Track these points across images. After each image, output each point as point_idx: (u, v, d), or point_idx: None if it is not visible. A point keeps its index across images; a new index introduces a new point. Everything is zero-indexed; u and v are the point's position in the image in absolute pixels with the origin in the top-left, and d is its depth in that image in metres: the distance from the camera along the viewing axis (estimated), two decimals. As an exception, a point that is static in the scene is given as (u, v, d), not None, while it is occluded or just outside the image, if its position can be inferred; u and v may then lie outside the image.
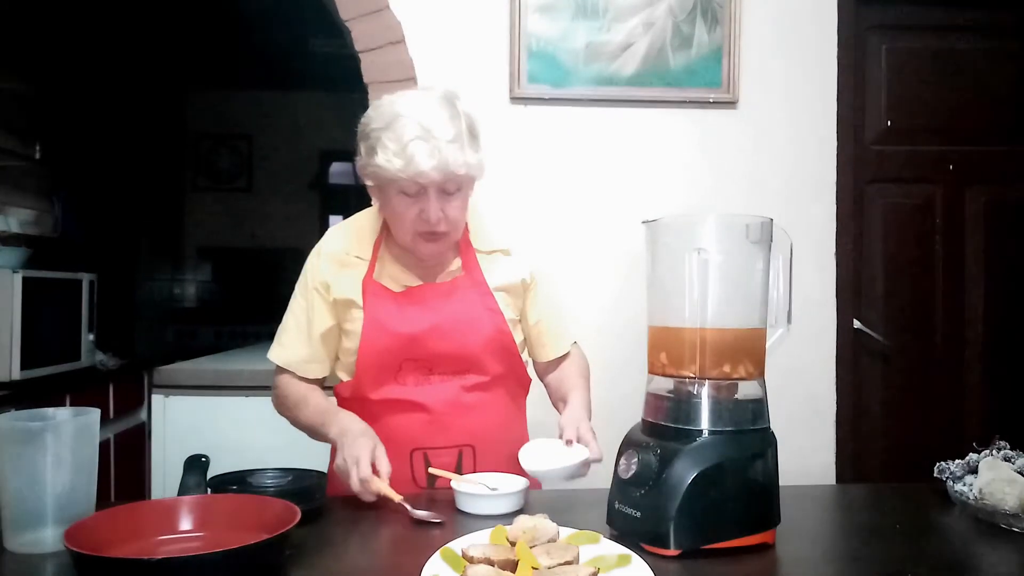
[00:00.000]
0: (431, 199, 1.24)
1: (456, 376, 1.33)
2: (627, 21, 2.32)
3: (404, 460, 1.30)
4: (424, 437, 1.31)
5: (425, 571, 0.86)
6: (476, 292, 1.36)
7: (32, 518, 0.96)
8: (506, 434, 1.39)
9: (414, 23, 2.28)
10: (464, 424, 1.32)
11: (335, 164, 5.89)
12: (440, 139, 1.20)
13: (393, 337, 1.31)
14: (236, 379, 2.38)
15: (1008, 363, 2.54)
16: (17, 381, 2.64)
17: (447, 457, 1.31)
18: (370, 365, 1.32)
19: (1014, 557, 1.01)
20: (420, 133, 1.20)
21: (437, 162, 1.20)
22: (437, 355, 1.32)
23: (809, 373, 2.38)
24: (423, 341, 1.31)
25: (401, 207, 1.26)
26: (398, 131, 1.21)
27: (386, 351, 1.31)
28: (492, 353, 1.35)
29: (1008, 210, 2.55)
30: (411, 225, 1.27)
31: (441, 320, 1.32)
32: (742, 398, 1.05)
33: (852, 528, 1.21)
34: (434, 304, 1.34)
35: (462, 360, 1.33)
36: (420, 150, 1.19)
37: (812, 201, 2.40)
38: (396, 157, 1.20)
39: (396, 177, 1.22)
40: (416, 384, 1.32)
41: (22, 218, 3.34)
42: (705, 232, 1.06)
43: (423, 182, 1.22)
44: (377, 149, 1.22)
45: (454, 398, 1.32)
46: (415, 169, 1.20)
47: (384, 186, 1.27)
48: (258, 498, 1.04)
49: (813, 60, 2.40)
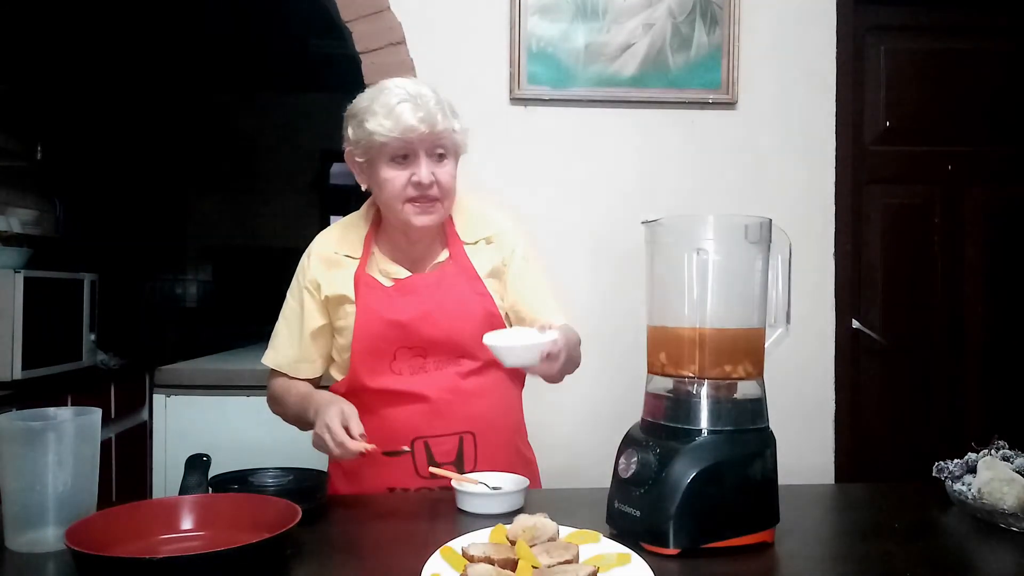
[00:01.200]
0: (421, 161, 1.30)
1: (451, 363, 1.34)
2: (627, 22, 2.33)
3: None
4: (424, 426, 1.32)
5: (425, 570, 0.86)
6: (464, 277, 1.39)
7: (33, 517, 0.96)
8: (504, 420, 1.40)
9: (414, 24, 2.28)
10: (463, 411, 1.33)
11: (335, 164, 5.90)
12: (426, 100, 1.29)
13: (386, 325, 1.32)
14: (237, 379, 2.38)
15: (1007, 363, 2.54)
16: (18, 381, 2.64)
17: (448, 444, 1.32)
18: (365, 354, 1.33)
19: (1013, 556, 1.01)
20: (406, 97, 1.28)
21: (424, 114, 1.27)
22: (430, 341, 1.33)
23: (808, 373, 2.38)
24: (416, 327, 1.33)
25: (392, 174, 1.31)
26: (385, 97, 1.29)
27: (380, 338, 1.33)
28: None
29: (1007, 210, 2.56)
30: (402, 192, 1.31)
31: (432, 306, 1.34)
32: (741, 398, 1.05)
33: (851, 527, 1.21)
34: (424, 292, 1.36)
35: (455, 345, 1.34)
36: (407, 109, 1.27)
37: (811, 201, 2.40)
38: (385, 119, 1.27)
39: (387, 138, 1.27)
40: (412, 373, 1.33)
41: (23, 218, 3.34)
42: (704, 232, 1.07)
43: (412, 137, 1.27)
44: (367, 118, 1.29)
45: (451, 385, 1.33)
46: (404, 124, 1.26)
47: (374, 159, 1.32)
48: (259, 497, 1.04)
49: (812, 61, 2.40)
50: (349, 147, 1.36)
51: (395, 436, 1.29)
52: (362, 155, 1.34)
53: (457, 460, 1.32)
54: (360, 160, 1.35)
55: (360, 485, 1.35)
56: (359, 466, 1.32)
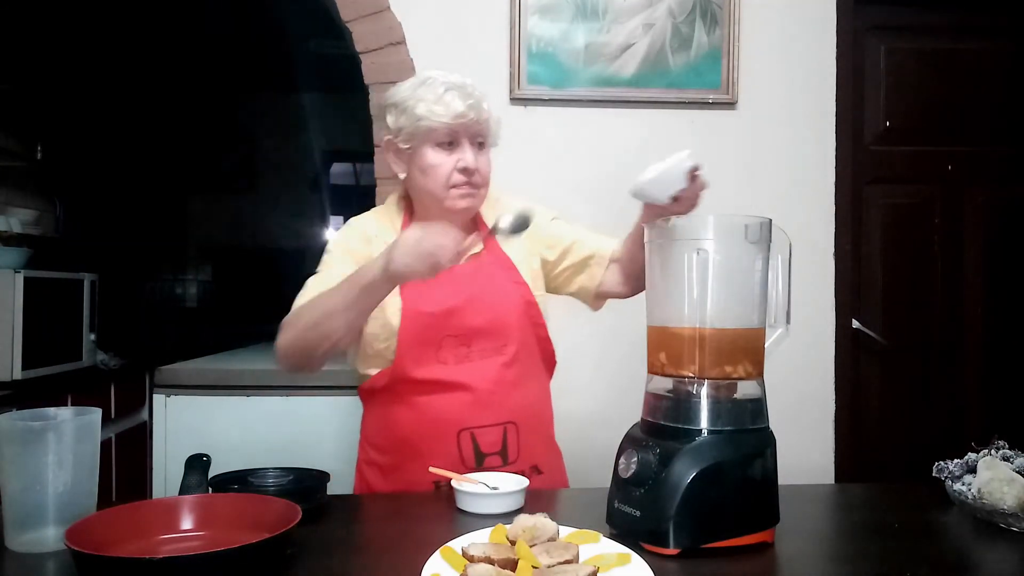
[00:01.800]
0: (465, 147, 1.34)
1: (494, 352, 1.34)
2: (627, 22, 2.33)
3: (452, 440, 1.31)
4: (470, 417, 1.31)
5: (425, 570, 0.86)
6: (500, 267, 1.40)
7: (33, 517, 0.96)
8: (542, 410, 1.42)
9: (414, 24, 2.28)
10: (506, 401, 1.33)
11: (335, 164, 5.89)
12: (471, 89, 1.35)
13: (432, 313, 1.33)
14: (237, 379, 2.38)
15: (1007, 363, 2.55)
16: (18, 381, 2.64)
17: (493, 435, 1.32)
18: (412, 343, 1.32)
19: (1013, 556, 1.01)
20: (452, 85, 1.34)
21: (473, 102, 1.33)
22: (475, 329, 1.34)
23: (808, 372, 2.39)
24: (461, 314, 1.33)
25: (437, 160, 1.33)
26: (432, 85, 1.34)
27: (426, 327, 1.32)
28: (523, 327, 1.38)
29: (1007, 210, 2.56)
30: (446, 178, 1.34)
31: (475, 293, 1.35)
32: (741, 397, 1.05)
33: (851, 527, 1.21)
34: (465, 281, 1.36)
35: (498, 334, 1.35)
36: (455, 97, 1.32)
37: (811, 201, 2.41)
38: (435, 105, 1.31)
39: (437, 123, 1.31)
40: (457, 362, 1.33)
41: (23, 218, 3.34)
42: (704, 232, 1.07)
43: (462, 122, 1.32)
44: (415, 104, 1.33)
45: (495, 375, 1.33)
46: (454, 111, 1.31)
47: (417, 146, 1.34)
48: (259, 497, 1.04)
49: (812, 61, 2.40)
50: (390, 136, 1.38)
51: (440, 428, 1.30)
52: (406, 142, 1.35)
53: (502, 450, 1.32)
54: (404, 147, 1.36)
55: (402, 481, 1.33)
56: (400, 461, 1.31)
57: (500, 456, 1.32)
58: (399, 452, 1.33)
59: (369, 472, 1.38)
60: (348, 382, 2.37)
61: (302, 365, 1.30)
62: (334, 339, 1.25)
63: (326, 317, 1.24)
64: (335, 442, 2.32)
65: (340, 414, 2.35)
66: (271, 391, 2.35)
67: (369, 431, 1.43)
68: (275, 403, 2.34)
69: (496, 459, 1.31)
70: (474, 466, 1.31)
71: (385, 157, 1.42)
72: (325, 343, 1.25)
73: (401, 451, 1.33)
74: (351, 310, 1.23)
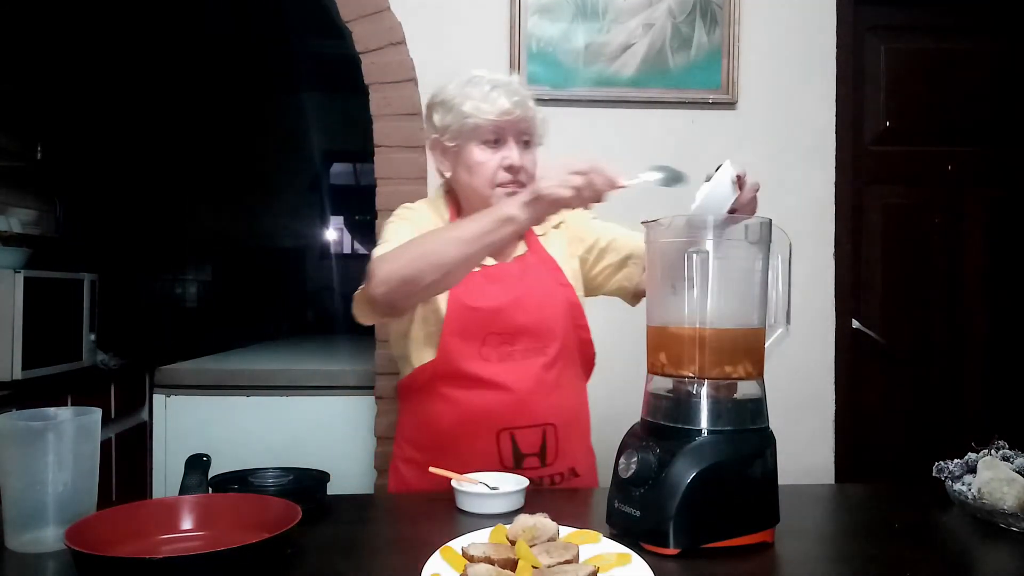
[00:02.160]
0: (511, 145, 1.35)
1: (536, 353, 1.34)
2: (627, 22, 2.33)
3: (491, 440, 1.31)
4: (510, 417, 1.32)
5: (425, 570, 0.86)
6: (545, 268, 1.41)
7: (33, 517, 0.96)
8: (579, 412, 1.42)
9: (414, 24, 2.28)
10: (546, 402, 1.33)
11: (335, 164, 5.90)
12: (517, 87, 1.36)
13: (477, 310, 1.33)
14: (237, 379, 2.38)
15: (1007, 363, 2.55)
16: (18, 381, 2.64)
17: (533, 436, 1.32)
18: (455, 337, 1.33)
19: (1013, 557, 1.01)
20: (499, 83, 1.35)
21: (519, 99, 1.34)
22: (519, 327, 1.34)
23: (808, 372, 2.39)
24: (506, 313, 1.33)
25: (483, 158, 1.35)
26: (479, 83, 1.35)
27: (471, 322, 1.33)
28: (566, 329, 1.38)
29: (1008, 210, 2.56)
30: (492, 177, 1.35)
31: (521, 293, 1.35)
32: (741, 398, 1.05)
33: (851, 527, 1.21)
34: (511, 280, 1.37)
35: (542, 334, 1.35)
36: (501, 95, 1.33)
37: (811, 201, 2.41)
38: (482, 102, 1.33)
39: (483, 120, 1.32)
40: (500, 360, 1.33)
41: (23, 218, 3.34)
42: (704, 232, 1.07)
43: (508, 120, 1.33)
44: (462, 102, 1.34)
45: (536, 376, 1.33)
46: (501, 108, 1.32)
47: (463, 144, 1.35)
48: (259, 497, 1.04)
49: (812, 61, 2.40)
50: (435, 134, 1.39)
51: (480, 426, 1.30)
52: (452, 140, 1.36)
53: (541, 452, 1.33)
54: (450, 145, 1.37)
55: (438, 480, 1.33)
56: (438, 459, 1.31)
57: (538, 457, 1.32)
58: (437, 449, 1.33)
59: (406, 469, 1.38)
60: (348, 382, 2.37)
61: (398, 299, 1.25)
62: (445, 269, 1.20)
63: (445, 244, 1.21)
64: (335, 442, 2.32)
65: (340, 414, 2.36)
66: (271, 391, 2.35)
67: (407, 428, 1.44)
68: (275, 403, 2.34)
69: (534, 460, 1.32)
70: (512, 466, 1.31)
71: (431, 155, 1.44)
72: (433, 273, 1.20)
73: (439, 448, 1.33)
74: (474, 242, 1.19)
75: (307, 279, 5.80)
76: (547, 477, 1.35)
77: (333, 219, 5.98)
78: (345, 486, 1.38)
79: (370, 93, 2.26)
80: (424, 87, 2.28)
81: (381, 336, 2.25)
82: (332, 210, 5.90)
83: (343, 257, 5.96)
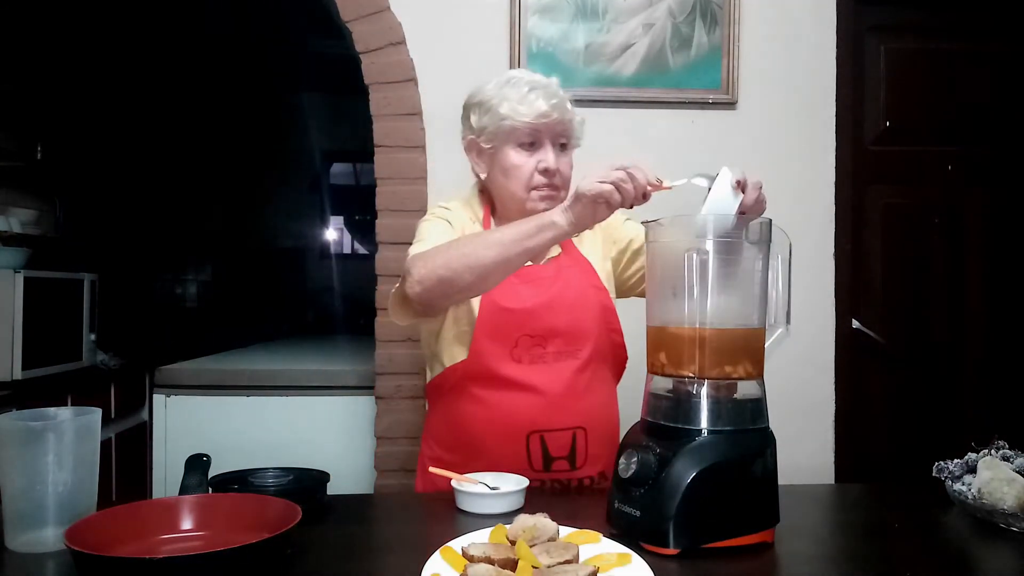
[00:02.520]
0: (547, 148, 1.35)
1: (568, 356, 1.34)
2: (627, 22, 2.33)
3: (521, 442, 1.31)
4: (540, 419, 1.31)
5: (425, 570, 0.86)
6: (579, 270, 1.41)
7: (33, 517, 0.96)
8: (610, 416, 1.42)
9: (414, 24, 2.28)
10: (577, 406, 1.33)
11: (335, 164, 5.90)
12: (555, 89, 1.36)
13: (510, 311, 1.33)
14: (238, 379, 2.38)
15: (1007, 363, 2.54)
16: (18, 381, 2.64)
17: (563, 439, 1.32)
18: (487, 339, 1.33)
19: (1013, 556, 1.01)
20: (536, 85, 1.35)
21: (557, 101, 1.34)
22: (552, 330, 1.33)
23: (808, 373, 2.38)
24: (539, 315, 1.33)
25: (519, 160, 1.35)
26: (516, 85, 1.35)
27: (504, 323, 1.33)
28: (600, 332, 1.38)
29: (1008, 210, 2.56)
30: (528, 179, 1.35)
31: (553, 296, 1.35)
32: (741, 398, 1.05)
33: (851, 527, 1.21)
34: (545, 282, 1.37)
35: (574, 337, 1.35)
36: (539, 96, 1.33)
37: (811, 201, 2.41)
38: (519, 104, 1.33)
39: (520, 123, 1.32)
40: (531, 362, 1.33)
41: (23, 218, 3.34)
42: (704, 232, 1.07)
43: (545, 122, 1.33)
44: (499, 104, 1.34)
45: (567, 379, 1.33)
46: (538, 110, 1.32)
47: (500, 145, 1.35)
48: (259, 497, 1.04)
49: (812, 61, 2.40)
50: (472, 136, 1.40)
51: (510, 428, 1.30)
52: (488, 141, 1.37)
53: (570, 455, 1.32)
54: (486, 147, 1.38)
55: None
56: (466, 460, 1.31)
57: (568, 461, 1.32)
58: (466, 450, 1.34)
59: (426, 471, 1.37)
60: (348, 382, 2.37)
61: (434, 299, 1.25)
62: (482, 272, 1.20)
63: (484, 247, 1.21)
64: (335, 442, 2.32)
65: (340, 414, 2.35)
66: (271, 391, 2.35)
67: (435, 428, 1.44)
68: (275, 403, 2.34)
69: (564, 463, 1.32)
70: (541, 469, 1.31)
71: (467, 156, 1.43)
72: (470, 275, 1.20)
73: (468, 449, 1.33)
74: (514, 245, 1.19)
75: (307, 279, 5.80)
76: (576, 480, 1.35)
77: (333, 219, 5.98)
78: (345, 486, 1.38)
79: (370, 93, 2.26)
80: (424, 87, 2.28)
81: (381, 336, 2.25)
82: (332, 210, 5.90)
83: (343, 257, 5.96)
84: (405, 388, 2.24)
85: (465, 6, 2.31)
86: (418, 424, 2.24)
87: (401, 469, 2.21)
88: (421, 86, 2.27)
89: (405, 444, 2.23)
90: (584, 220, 1.18)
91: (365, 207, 2.53)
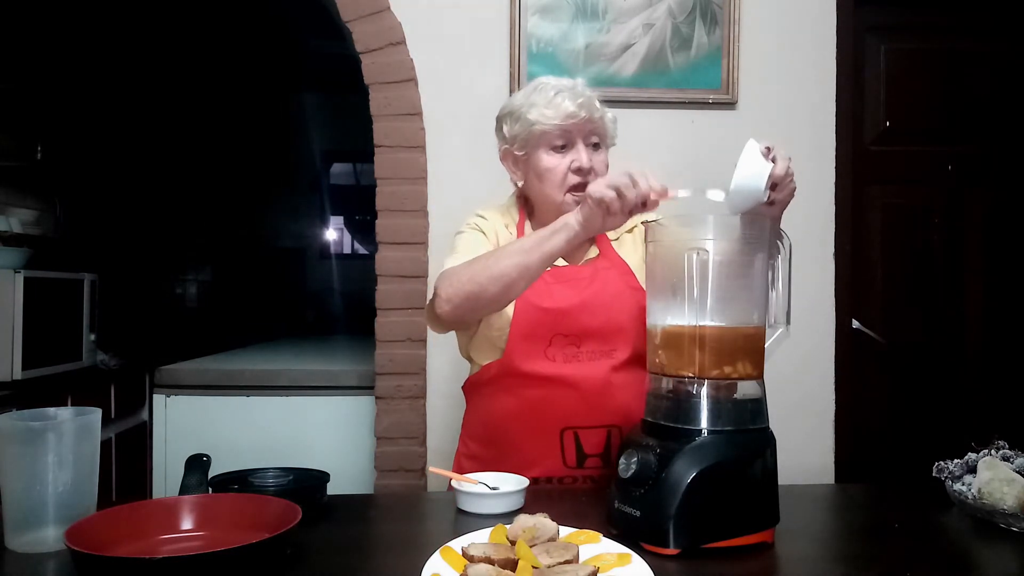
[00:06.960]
0: (580, 147, 1.36)
1: (604, 355, 1.34)
2: (627, 22, 2.33)
3: (555, 438, 1.32)
4: (575, 416, 1.32)
5: (425, 570, 0.86)
6: (616, 272, 1.41)
7: (33, 517, 0.96)
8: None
9: (414, 24, 2.28)
10: (611, 403, 1.33)
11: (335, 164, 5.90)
12: (582, 90, 1.37)
13: (544, 311, 1.34)
14: (238, 379, 2.38)
15: (1007, 363, 2.54)
16: (18, 381, 2.64)
17: (597, 437, 1.32)
18: (521, 338, 1.33)
19: (1013, 556, 1.01)
20: (563, 88, 1.36)
21: (584, 101, 1.34)
22: (586, 330, 1.34)
23: (808, 373, 2.38)
24: (574, 315, 1.34)
25: (552, 162, 1.36)
26: (543, 90, 1.37)
27: (538, 324, 1.33)
28: (637, 332, 1.37)
29: (1007, 211, 2.56)
30: (563, 180, 1.36)
31: (589, 296, 1.36)
32: (741, 398, 1.05)
33: (851, 527, 1.21)
34: (581, 283, 1.38)
35: (609, 336, 1.35)
36: (566, 98, 1.34)
37: (811, 202, 2.40)
38: (546, 108, 1.34)
39: (548, 126, 1.34)
40: (565, 361, 1.33)
41: (23, 218, 3.34)
42: (704, 232, 1.07)
43: (574, 122, 1.34)
44: (527, 111, 1.36)
45: (603, 377, 1.33)
46: (565, 111, 1.33)
47: (532, 150, 1.37)
48: (259, 497, 1.04)
49: (812, 61, 2.40)
50: (506, 145, 1.42)
51: (544, 424, 1.31)
52: (521, 148, 1.39)
53: (604, 452, 1.33)
54: (520, 154, 1.39)
55: None
56: (501, 456, 1.32)
57: (602, 458, 1.32)
58: (501, 446, 1.34)
59: (468, 465, 1.39)
60: (348, 382, 2.37)
61: (464, 314, 1.29)
62: (504, 280, 1.22)
63: (505, 256, 1.23)
64: (335, 442, 2.33)
65: (340, 414, 2.36)
66: (271, 391, 2.35)
67: (472, 425, 1.45)
68: (275, 403, 2.34)
69: (597, 460, 1.32)
70: (575, 466, 1.32)
71: (504, 166, 1.45)
72: (494, 285, 1.23)
73: (503, 445, 1.34)
74: (532, 251, 1.21)
75: (307, 279, 5.80)
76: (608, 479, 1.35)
77: (333, 219, 5.99)
78: (345, 486, 1.38)
79: (370, 93, 2.26)
80: (424, 87, 2.28)
81: (381, 336, 2.25)
82: (332, 210, 5.91)
83: (343, 257, 5.96)
84: (405, 388, 2.24)
85: (465, 6, 2.31)
86: (418, 424, 2.24)
87: (401, 469, 2.22)
88: (421, 86, 2.27)
89: (405, 444, 2.23)
90: (592, 222, 1.18)
91: (365, 207, 2.52)
